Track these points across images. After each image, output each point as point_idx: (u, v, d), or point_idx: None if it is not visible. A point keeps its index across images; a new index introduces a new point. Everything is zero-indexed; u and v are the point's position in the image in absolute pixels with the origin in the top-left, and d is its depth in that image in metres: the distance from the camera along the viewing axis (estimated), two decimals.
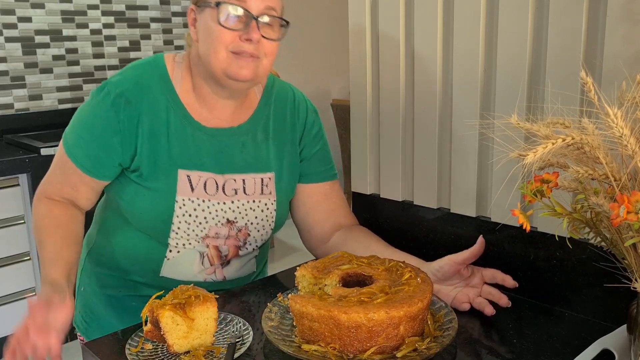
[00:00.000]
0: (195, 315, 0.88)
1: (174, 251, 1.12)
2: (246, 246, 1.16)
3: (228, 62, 1.01)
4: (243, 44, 1.00)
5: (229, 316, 0.99)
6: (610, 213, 0.66)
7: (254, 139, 1.14)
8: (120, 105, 1.04)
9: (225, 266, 1.16)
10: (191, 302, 0.89)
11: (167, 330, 0.87)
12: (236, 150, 1.12)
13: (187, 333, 0.88)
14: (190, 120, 1.09)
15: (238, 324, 0.97)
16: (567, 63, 0.96)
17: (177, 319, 0.87)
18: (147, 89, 1.06)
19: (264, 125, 1.16)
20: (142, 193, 1.07)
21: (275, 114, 1.17)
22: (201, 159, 1.09)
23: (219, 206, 1.10)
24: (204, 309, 0.89)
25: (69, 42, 3.03)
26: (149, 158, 1.06)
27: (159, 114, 1.06)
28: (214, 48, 1.00)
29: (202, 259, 1.13)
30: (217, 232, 1.12)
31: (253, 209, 1.13)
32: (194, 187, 1.08)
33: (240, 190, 1.12)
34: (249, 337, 0.92)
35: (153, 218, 1.08)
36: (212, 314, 0.90)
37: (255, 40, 1.00)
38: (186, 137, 1.08)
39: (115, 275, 1.19)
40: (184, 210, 1.08)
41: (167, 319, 0.87)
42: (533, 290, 1.07)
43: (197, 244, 1.12)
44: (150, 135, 1.06)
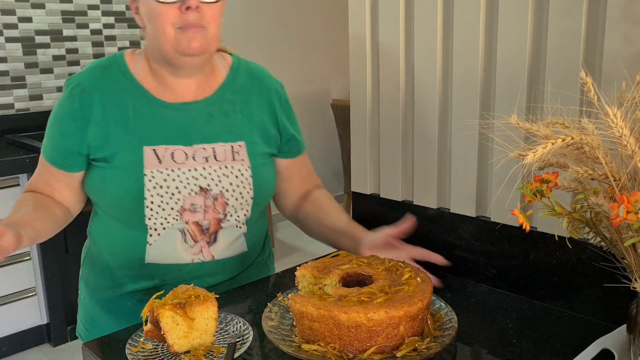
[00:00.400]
0: (195, 315, 0.88)
1: (154, 235, 1.11)
2: (227, 218, 1.13)
3: (177, 38, 1.04)
4: (186, 15, 1.02)
5: (229, 316, 0.99)
6: (609, 213, 0.66)
7: (221, 110, 1.15)
8: (76, 95, 1.10)
9: (212, 244, 1.14)
10: (191, 301, 0.89)
11: (167, 330, 0.87)
12: (203, 122, 1.13)
13: (187, 333, 0.88)
14: (152, 100, 1.11)
15: (238, 323, 0.97)
16: (567, 63, 0.96)
17: (177, 319, 0.87)
18: (103, 77, 1.11)
19: (230, 98, 1.17)
20: (109, 176, 1.09)
21: (242, 88, 1.18)
22: (167, 133, 1.10)
23: (190, 173, 1.09)
24: (204, 308, 0.89)
25: (70, 42, 3.03)
26: (109, 141, 1.09)
27: (116, 98, 1.10)
28: (160, 28, 1.03)
29: (185, 237, 1.11)
30: (193, 203, 1.09)
31: (226, 175, 1.12)
32: (161, 159, 1.09)
33: (211, 157, 1.12)
34: (249, 337, 0.92)
35: (124, 197, 1.08)
36: (213, 313, 0.90)
37: (194, 6, 1.01)
38: (149, 115, 1.10)
39: (104, 276, 1.18)
40: (154, 183, 1.07)
41: (167, 318, 0.87)
42: (533, 290, 1.07)
43: (175, 221, 1.10)
44: (109, 120, 1.09)
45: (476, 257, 1.15)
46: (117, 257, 1.15)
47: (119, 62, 1.13)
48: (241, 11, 3.87)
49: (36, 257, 2.54)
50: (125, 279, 1.16)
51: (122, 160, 1.08)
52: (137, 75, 1.12)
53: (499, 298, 1.09)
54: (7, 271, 2.45)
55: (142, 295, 1.15)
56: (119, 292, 1.17)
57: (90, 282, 1.22)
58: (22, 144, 2.61)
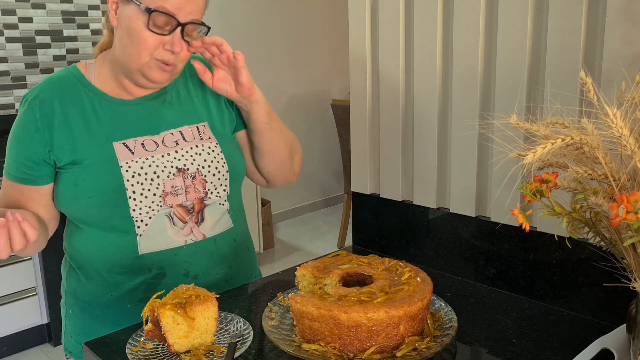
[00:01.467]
0: (195, 314, 0.89)
1: (142, 226, 1.11)
2: (209, 196, 1.16)
3: (148, 65, 1.07)
4: (165, 54, 1.06)
5: (229, 315, 0.99)
6: (609, 213, 0.66)
7: (178, 98, 1.19)
8: (35, 106, 1.10)
9: (201, 224, 1.15)
10: (192, 301, 0.89)
11: (167, 330, 0.87)
12: (163, 109, 1.17)
13: (187, 332, 0.88)
14: (111, 100, 1.14)
15: (238, 323, 0.97)
16: (567, 63, 0.96)
17: (177, 319, 0.87)
18: (60, 87, 1.13)
19: (183, 84, 1.21)
20: (83, 176, 1.09)
21: (190, 75, 1.22)
22: (132, 127, 1.13)
23: (164, 158, 1.12)
24: (204, 308, 0.89)
25: (70, 42, 3.03)
26: (76, 146, 1.10)
27: (76, 104, 1.11)
28: (137, 51, 1.06)
29: (173, 221, 1.13)
30: (173, 185, 1.12)
31: (199, 153, 1.15)
32: (132, 150, 1.11)
33: (181, 140, 1.15)
34: (249, 336, 0.92)
35: (104, 192, 1.08)
36: (213, 313, 0.91)
37: (177, 52, 1.06)
38: (111, 114, 1.13)
39: (96, 283, 1.16)
40: (132, 172, 1.09)
41: (167, 318, 0.87)
42: (533, 290, 1.07)
43: (159, 207, 1.11)
44: (71, 125, 1.10)
45: (476, 257, 1.16)
46: (110, 259, 1.14)
47: (73, 72, 1.16)
48: (241, 12, 3.87)
49: (36, 257, 2.54)
50: (121, 279, 1.14)
51: (93, 159, 1.09)
52: (93, 81, 1.15)
53: (498, 298, 1.10)
54: (7, 271, 2.46)
55: (142, 294, 1.14)
56: (116, 294, 1.15)
57: (80, 294, 1.19)
58: None
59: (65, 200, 1.12)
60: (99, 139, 1.10)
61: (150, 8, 1.02)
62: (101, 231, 1.13)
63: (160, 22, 1.04)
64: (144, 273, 1.14)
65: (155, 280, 1.14)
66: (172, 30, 1.05)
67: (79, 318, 1.21)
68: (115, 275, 1.14)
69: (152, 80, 1.10)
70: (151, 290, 1.13)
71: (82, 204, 1.10)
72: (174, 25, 1.04)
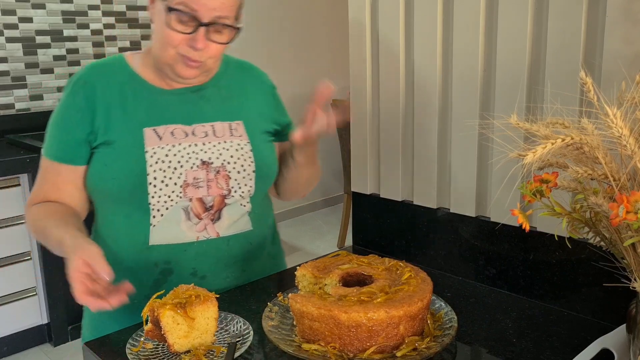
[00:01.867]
0: (195, 314, 0.89)
1: (157, 216, 1.10)
2: (232, 194, 1.14)
3: (175, 60, 1.08)
4: (188, 50, 1.06)
5: (229, 315, 0.99)
6: (609, 213, 0.66)
7: (218, 94, 1.19)
8: (79, 87, 1.13)
9: (217, 221, 1.14)
10: (192, 301, 0.89)
11: (167, 330, 0.87)
12: (202, 103, 1.17)
13: (187, 332, 0.88)
14: (151, 88, 1.15)
15: (238, 323, 0.97)
16: (567, 63, 0.96)
17: (177, 319, 0.87)
18: (103, 70, 1.15)
19: (226, 85, 1.21)
20: (112, 158, 1.10)
21: (235, 77, 1.23)
22: (166, 115, 1.14)
23: (191, 148, 1.12)
24: (204, 308, 0.89)
25: (70, 42, 3.03)
26: (111, 126, 1.11)
27: (116, 88, 1.13)
28: (163, 46, 1.07)
29: (188, 215, 1.12)
30: (195, 177, 1.11)
31: (227, 148, 1.15)
32: (161, 136, 1.12)
33: (210, 133, 1.15)
34: (249, 336, 0.92)
35: (128, 176, 1.09)
36: (213, 313, 0.91)
37: (199, 49, 1.05)
38: (149, 100, 1.14)
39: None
40: (156, 158, 1.09)
41: (167, 318, 0.87)
42: (533, 290, 1.07)
43: (178, 198, 1.10)
44: (109, 108, 1.12)
45: (476, 257, 1.16)
46: (121, 244, 1.14)
47: (118, 59, 1.18)
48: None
49: (37, 257, 2.54)
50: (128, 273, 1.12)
51: (123, 141, 1.10)
52: (136, 69, 1.16)
53: (498, 298, 1.10)
54: (7, 271, 2.45)
55: (148, 290, 1.12)
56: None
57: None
58: (22, 144, 2.61)
59: (93, 182, 1.13)
60: (133, 123, 1.11)
61: (171, 7, 1.03)
62: (118, 218, 1.13)
63: (183, 20, 1.04)
64: (151, 268, 1.13)
65: (162, 277, 1.13)
66: (195, 29, 1.04)
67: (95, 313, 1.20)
68: (123, 269, 1.13)
69: (179, 75, 1.10)
70: (156, 288, 1.13)
71: (107, 185, 1.11)
72: (197, 25, 1.04)
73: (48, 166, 1.15)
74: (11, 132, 2.83)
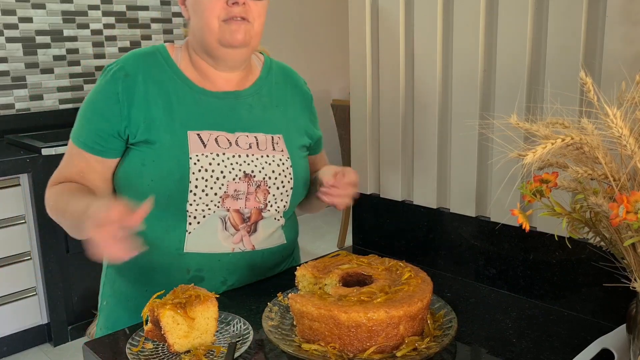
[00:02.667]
0: (195, 314, 0.89)
1: (193, 223, 1.09)
2: (268, 208, 1.13)
3: (221, 30, 1.06)
4: (232, 9, 1.05)
5: (229, 316, 0.99)
6: (609, 213, 0.66)
7: (260, 102, 1.17)
8: (119, 78, 1.09)
9: (252, 234, 1.13)
10: (192, 301, 0.89)
11: (167, 330, 0.87)
12: (244, 111, 1.15)
13: (187, 332, 0.88)
14: (193, 87, 1.13)
15: (238, 323, 0.97)
16: (567, 63, 0.96)
17: (177, 319, 0.87)
18: (146, 63, 1.12)
19: (267, 91, 1.20)
20: (152, 158, 1.07)
21: (276, 83, 1.22)
22: (210, 119, 1.11)
23: (235, 159, 1.10)
24: (204, 308, 0.89)
25: (70, 42, 3.03)
26: (152, 125, 1.08)
27: (159, 84, 1.10)
28: (206, 20, 1.06)
29: (225, 225, 1.10)
30: (237, 189, 1.09)
31: (269, 162, 1.13)
32: (205, 143, 1.09)
33: (254, 145, 1.13)
34: (249, 336, 0.92)
35: (166, 180, 1.06)
36: (213, 313, 0.91)
37: (241, 2, 1.05)
38: (192, 102, 1.11)
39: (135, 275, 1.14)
40: (200, 166, 1.06)
41: (167, 318, 0.87)
42: (533, 290, 1.07)
43: (216, 208, 1.08)
44: (150, 103, 1.09)
45: (476, 257, 1.16)
46: (153, 253, 1.11)
47: (161, 51, 1.15)
48: None
49: (37, 257, 2.54)
50: (158, 275, 1.12)
51: (166, 142, 1.07)
52: (178, 64, 1.14)
53: (498, 298, 1.10)
54: (7, 271, 2.45)
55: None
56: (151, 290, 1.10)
57: (118, 284, 1.18)
58: (22, 144, 2.61)
59: (128, 179, 1.10)
60: (176, 125, 1.09)
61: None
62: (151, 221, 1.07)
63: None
64: (182, 273, 1.12)
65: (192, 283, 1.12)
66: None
67: (112, 310, 1.20)
68: (153, 272, 1.13)
69: (231, 43, 1.07)
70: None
71: (144, 185, 1.07)
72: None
73: (75, 153, 1.11)
74: (11, 132, 2.83)
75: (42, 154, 2.41)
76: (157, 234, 1.10)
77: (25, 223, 2.46)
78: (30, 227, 2.48)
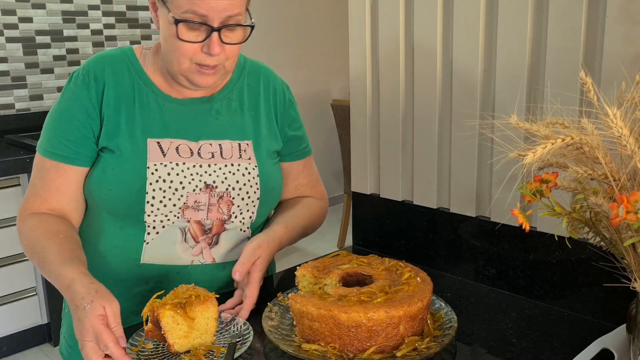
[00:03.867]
0: (195, 314, 0.89)
1: (152, 233, 1.05)
2: (232, 220, 1.09)
3: (191, 70, 1.02)
4: (205, 58, 1.00)
5: (229, 316, 0.99)
6: (609, 213, 0.66)
7: (228, 107, 1.12)
8: (90, 82, 1.06)
9: (214, 246, 1.09)
10: (192, 301, 0.89)
11: (167, 330, 0.87)
12: (210, 118, 1.10)
13: (187, 332, 0.88)
14: (159, 93, 1.08)
15: (238, 323, 0.97)
16: (567, 63, 0.96)
17: (177, 319, 0.87)
18: (112, 66, 1.08)
19: (238, 95, 1.14)
20: (111, 167, 1.04)
21: (249, 87, 1.16)
22: (173, 127, 1.07)
23: (195, 169, 1.05)
24: (204, 308, 0.89)
25: (70, 42, 3.03)
26: (115, 131, 1.05)
27: (125, 88, 1.07)
28: (177, 57, 1.00)
29: (185, 236, 1.06)
30: (197, 200, 1.05)
31: (233, 172, 1.07)
32: (165, 152, 1.05)
33: (217, 154, 1.08)
34: (250, 336, 0.92)
35: (125, 189, 1.03)
36: (213, 313, 0.90)
37: (216, 54, 0.99)
38: (155, 108, 1.07)
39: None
40: (157, 176, 1.03)
41: (167, 318, 0.87)
42: (533, 290, 1.07)
43: (176, 219, 1.04)
44: (116, 109, 1.05)
45: (476, 257, 1.16)
46: (111, 262, 1.09)
47: (128, 54, 1.10)
48: None
49: None
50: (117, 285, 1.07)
51: (125, 151, 1.04)
52: (145, 68, 1.10)
53: (498, 298, 1.10)
54: (7, 271, 2.45)
55: (136, 306, 1.08)
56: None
57: None
58: (22, 144, 2.61)
59: (89, 186, 1.07)
60: (137, 132, 1.05)
61: (178, 18, 0.95)
62: (111, 229, 1.08)
63: (193, 28, 0.97)
64: (141, 285, 1.09)
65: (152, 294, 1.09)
66: (207, 36, 0.97)
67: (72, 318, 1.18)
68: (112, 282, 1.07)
69: (197, 85, 1.04)
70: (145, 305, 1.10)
71: (103, 192, 1.04)
72: (208, 31, 0.97)
73: (49, 167, 1.05)
74: (11, 132, 2.83)
75: None
76: (115, 242, 1.08)
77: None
78: None
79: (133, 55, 1.10)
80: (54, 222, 1.05)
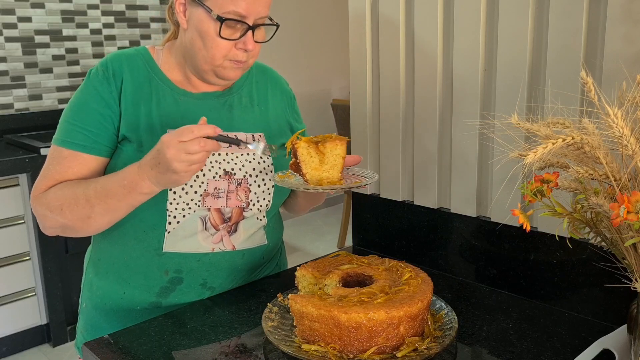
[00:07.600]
0: (326, 150, 1.01)
1: (173, 222, 1.09)
2: (250, 207, 1.13)
3: (223, 66, 1.08)
4: (238, 53, 1.07)
5: None
6: (610, 213, 0.66)
7: (239, 102, 1.18)
8: (110, 76, 1.10)
9: (233, 234, 1.13)
10: (324, 138, 1.02)
11: (302, 160, 1.00)
12: (224, 111, 1.16)
13: (318, 166, 1.01)
14: (174, 88, 1.13)
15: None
16: (568, 63, 0.96)
17: (310, 151, 1.01)
18: (129, 62, 1.12)
19: (247, 91, 1.20)
20: (133, 158, 1.05)
21: (257, 84, 1.22)
22: (189, 119, 1.11)
23: (214, 157, 1.10)
24: (333, 146, 1.01)
25: (69, 42, 3.03)
26: (135, 124, 1.09)
27: (142, 83, 1.11)
28: (211, 55, 1.06)
29: (205, 225, 1.10)
30: (217, 187, 1.09)
31: (249, 160, 1.13)
32: None
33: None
34: (375, 177, 1.06)
35: None
36: (341, 151, 1.02)
37: (251, 49, 1.07)
38: (172, 102, 1.12)
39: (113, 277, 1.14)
40: None
41: (302, 149, 1.00)
42: (533, 290, 1.07)
43: (197, 207, 1.09)
44: (134, 103, 1.09)
45: (476, 257, 1.15)
46: (131, 254, 1.12)
47: (142, 52, 1.15)
48: None
49: (36, 257, 2.54)
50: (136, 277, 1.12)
51: (146, 142, 1.07)
52: (160, 66, 1.14)
53: (499, 298, 1.09)
54: (7, 271, 2.45)
55: (154, 297, 1.12)
56: (129, 293, 1.13)
57: (95, 287, 1.18)
58: (21, 144, 2.61)
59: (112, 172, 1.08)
60: (154, 124, 1.09)
61: (222, 17, 1.02)
62: (131, 220, 1.10)
63: (231, 27, 1.04)
64: (161, 275, 1.11)
65: (171, 285, 1.12)
66: (244, 34, 1.05)
67: (90, 313, 1.19)
68: (131, 273, 1.12)
69: (227, 78, 1.10)
70: (164, 295, 1.11)
71: None
72: (245, 29, 1.05)
73: (67, 155, 1.07)
74: (10, 132, 2.83)
75: (41, 153, 2.41)
76: (136, 234, 1.11)
77: (24, 223, 2.46)
78: (29, 227, 2.48)
79: (147, 53, 1.15)
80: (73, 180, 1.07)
